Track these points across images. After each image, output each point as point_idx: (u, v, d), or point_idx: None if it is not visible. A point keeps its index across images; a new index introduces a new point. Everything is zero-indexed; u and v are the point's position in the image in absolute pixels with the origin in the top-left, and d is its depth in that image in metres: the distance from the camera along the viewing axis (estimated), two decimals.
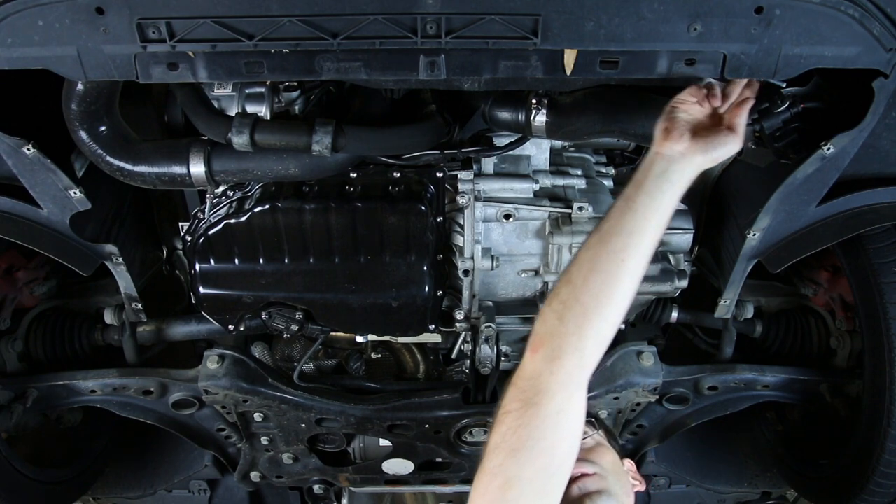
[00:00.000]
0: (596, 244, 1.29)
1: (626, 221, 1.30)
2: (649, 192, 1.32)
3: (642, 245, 1.28)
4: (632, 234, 1.28)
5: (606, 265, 1.26)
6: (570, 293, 1.25)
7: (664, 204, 1.32)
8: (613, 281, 1.25)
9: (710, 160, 1.40)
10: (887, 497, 2.03)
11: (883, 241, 1.96)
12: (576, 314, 1.23)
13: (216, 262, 1.90)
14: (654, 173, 1.35)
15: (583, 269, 1.27)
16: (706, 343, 2.52)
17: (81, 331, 2.35)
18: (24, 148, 1.64)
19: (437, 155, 1.86)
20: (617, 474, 1.49)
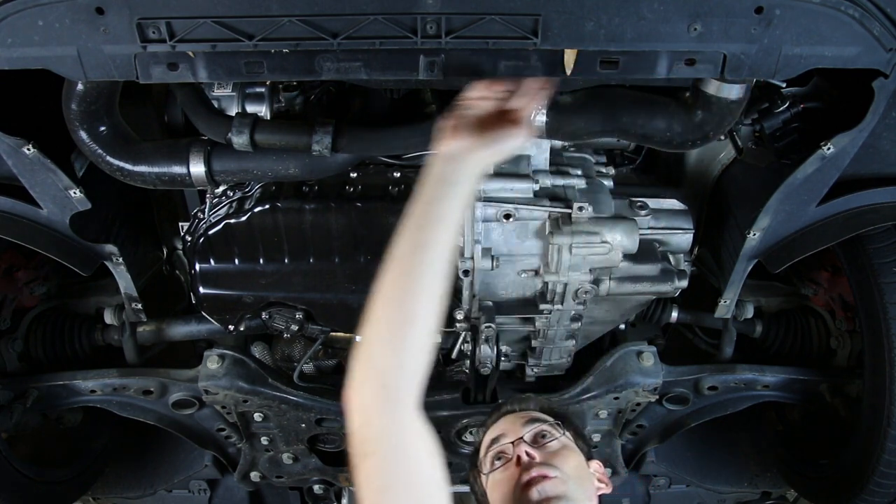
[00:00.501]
0: (391, 269, 1.25)
1: (416, 238, 1.26)
2: (430, 201, 1.28)
3: (435, 258, 1.24)
4: (423, 248, 1.24)
5: (402, 290, 1.23)
6: (372, 328, 1.23)
7: (450, 208, 1.28)
8: (411, 303, 1.22)
9: (495, 154, 1.34)
10: (887, 497, 2.03)
11: (883, 241, 1.96)
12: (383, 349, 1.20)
13: (216, 262, 1.90)
14: (433, 180, 1.30)
15: (382, 298, 1.24)
16: (706, 343, 2.52)
17: (81, 331, 2.35)
18: (24, 148, 1.64)
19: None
20: (579, 479, 1.48)
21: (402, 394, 1.18)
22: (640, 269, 2.01)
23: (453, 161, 1.31)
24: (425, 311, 1.22)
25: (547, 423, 1.62)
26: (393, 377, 1.18)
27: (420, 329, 1.21)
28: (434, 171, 1.31)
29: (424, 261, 1.24)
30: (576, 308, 2.05)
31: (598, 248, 1.90)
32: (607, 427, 2.38)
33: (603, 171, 2.11)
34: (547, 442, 1.56)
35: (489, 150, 1.33)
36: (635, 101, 1.68)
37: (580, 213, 1.87)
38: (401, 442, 1.16)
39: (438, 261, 1.24)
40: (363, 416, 1.17)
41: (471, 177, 1.31)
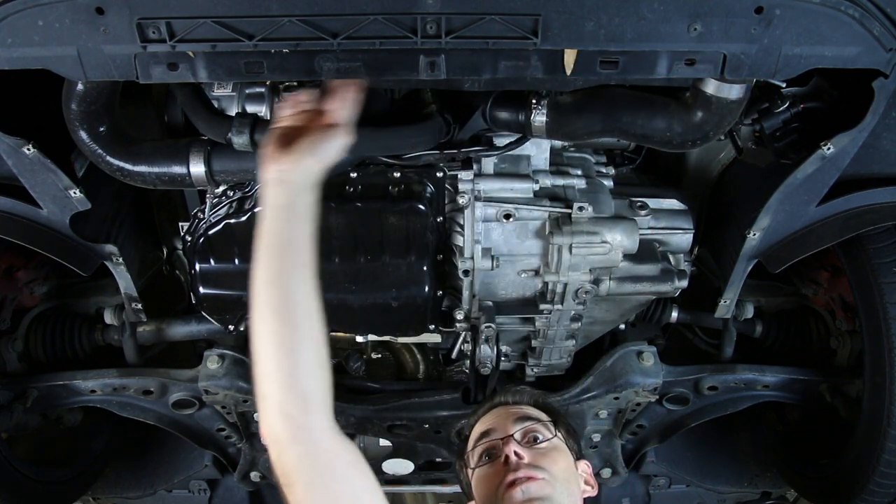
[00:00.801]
0: (258, 304, 1.26)
1: (273, 268, 1.28)
2: (272, 230, 1.29)
3: (298, 282, 1.27)
4: (282, 276, 1.27)
5: (275, 322, 1.24)
6: (259, 365, 1.24)
7: (294, 231, 1.29)
8: (288, 333, 1.23)
9: (319, 160, 1.33)
10: (887, 497, 2.03)
11: (883, 241, 1.96)
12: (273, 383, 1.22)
13: (216, 262, 1.90)
14: (268, 208, 1.31)
15: (258, 335, 1.25)
16: (706, 343, 2.52)
17: (81, 331, 2.35)
18: (24, 148, 1.64)
19: (437, 155, 1.86)
20: (566, 481, 1.47)
21: (305, 419, 1.21)
22: (640, 269, 2.01)
23: (281, 183, 1.31)
24: (305, 336, 1.24)
25: (539, 421, 1.61)
26: (291, 406, 1.20)
27: (305, 353, 1.23)
28: (267, 199, 1.31)
29: (288, 288, 1.26)
30: (576, 308, 2.05)
31: (598, 248, 1.90)
32: (607, 427, 2.39)
33: (603, 171, 2.11)
34: (539, 442, 1.55)
35: (312, 159, 1.32)
36: (635, 101, 1.67)
37: (580, 213, 1.87)
38: (318, 465, 1.20)
39: (302, 283, 1.27)
40: (276, 448, 1.21)
41: (302, 191, 1.31)
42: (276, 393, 1.21)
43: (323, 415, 1.23)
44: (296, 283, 1.27)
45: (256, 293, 1.27)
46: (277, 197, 1.31)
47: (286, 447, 1.20)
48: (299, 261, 1.29)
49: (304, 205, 1.32)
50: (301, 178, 1.32)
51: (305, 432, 1.20)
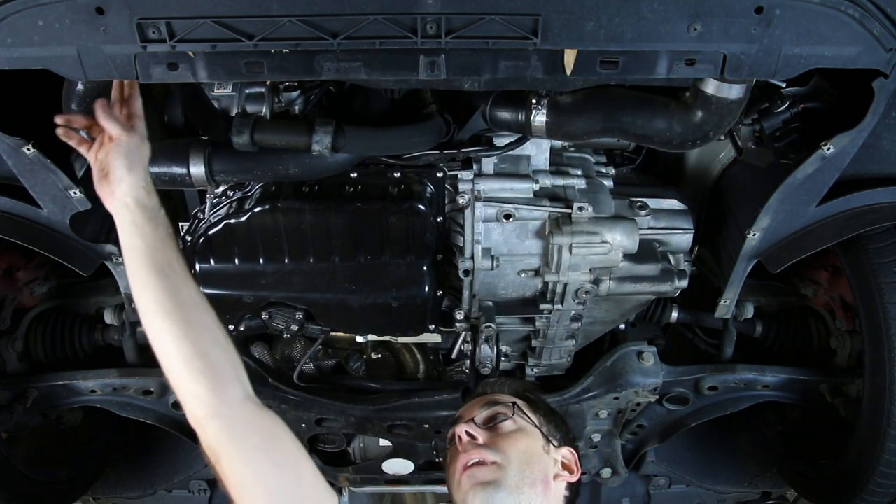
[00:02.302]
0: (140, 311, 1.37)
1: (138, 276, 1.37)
2: (129, 246, 1.40)
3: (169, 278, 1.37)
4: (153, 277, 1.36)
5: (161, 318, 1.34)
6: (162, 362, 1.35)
7: (146, 238, 1.39)
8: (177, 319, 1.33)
9: (131, 166, 1.45)
10: (887, 497, 2.03)
11: (883, 241, 1.96)
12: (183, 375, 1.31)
13: (216, 262, 1.90)
14: (121, 229, 1.42)
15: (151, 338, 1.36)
16: (706, 343, 2.52)
17: (81, 331, 2.35)
18: (24, 148, 1.64)
19: (437, 155, 1.86)
20: (524, 464, 1.46)
21: (215, 395, 1.29)
22: (640, 269, 2.01)
23: (121, 207, 1.43)
24: (194, 321, 1.35)
25: (503, 404, 1.60)
26: (200, 387, 1.29)
27: (200, 336, 1.33)
28: (118, 224, 1.43)
29: (164, 284, 1.36)
30: (576, 308, 2.05)
31: (598, 248, 1.90)
32: (607, 427, 2.38)
33: (603, 171, 2.11)
34: (499, 423, 1.55)
35: (124, 172, 1.43)
36: (635, 101, 1.67)
37: (580, 213, 1.87)
38: (235, 438, 1.28)
39: (175, 276, 1.38)
40: (199, 429, 1.30)
41: (138, 202, 1.43)
42: (184, 380, 1.30)
43: (234, 389, 1.31)
44: (170, 278, 1.36)
45: (136, 300, 1.37)
46: (122, 219, 1.43)
47: (204, 425, 1.28)
48: (164, 259, 1.38)
49: (148, 212, 1.43)
50: (130, 191, 1.43)
51: (218, 408, 1.28)
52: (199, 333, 1.32)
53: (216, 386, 1.29)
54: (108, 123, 1.47)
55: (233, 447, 1.27)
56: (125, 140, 1.46)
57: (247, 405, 1.31)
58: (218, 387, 1.29)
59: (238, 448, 1.27)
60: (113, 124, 1.47)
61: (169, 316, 1.33)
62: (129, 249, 1.40)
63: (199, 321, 1.34)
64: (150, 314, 1.35)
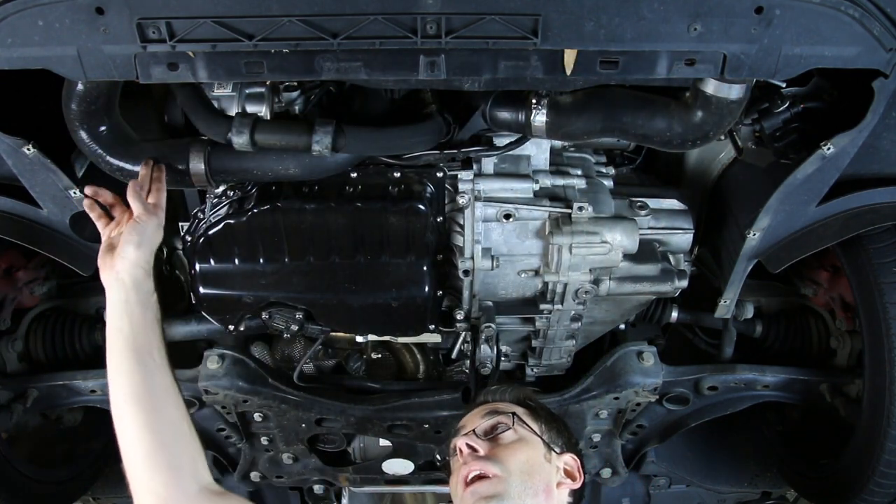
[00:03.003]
0: (112, 395, 1.44)
1: (117, 360, 1.44)
2: (114, 327, 1.47)
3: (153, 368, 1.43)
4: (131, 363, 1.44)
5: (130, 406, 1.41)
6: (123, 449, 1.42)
7: (134, 321, 1.47)
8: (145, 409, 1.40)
9: (143, 248, 1.54)
10: (887, 497, 2.03)
11: (883, 241, 1.96)
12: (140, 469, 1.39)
13: (216, 262, 1.90)
14: (110, 307, 1.49)
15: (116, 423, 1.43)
16: (706, 343, 2.52)
17: (81, 331, 2.35)
18: (24, 148, 1.64)
19: (437, 155, 1.86)
20: (525, 474, 1.46)
21: (171, 492, 1.35)
22: (640, 269, 2.01)
23: (116, 282, 1.50)
24: (162, 414, 1.41)
25: (504, 414, 1.60)
26: (157, 483, 1.35)
27: (165, 429, 1.39)
28: (108, 300, 1.50)
29: (141, 374, 1.43)
30: (576, 308, 2.05)
31: (598, 248, 1.90)
32: (607, 427, 2.38)
33: (603, 171, 2.11)
34: (499, 433, 1.55)
35: (132, 250, 1.52)
36: (635, 101, 1.67)
37: (580, 213, 1.88)
38: None
39: (152, 366, 1.44)
40: None
41: (136, 283, 1.51)
42: (142, 475, 1.35)
43: (190, 484, 1.37)
44: (147, 366, 1.42)
45: (110, 381, 1.43)
46: (114, 295, 1.49)
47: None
48: (146, 347, 1.44)
49: (142, 294, 1.50)
50: (131, 271, 1.50)
51: (173, 501, 1.34)
52: (164, 426, 1.37)
53: (173, 481, 1.34)
54: (135, 202, 1.55)
55: None
56: (144, 220, 1.54)
57: (201, 497, 1.36)
58: (174, 482, 1.34)
59: None
60: (139, 204, 1.56)
61: (138, 402, 1.38)
62: (113, 331, 1.46)
63: (167, 413, 1.39)
64: (120, 397, 1.40)
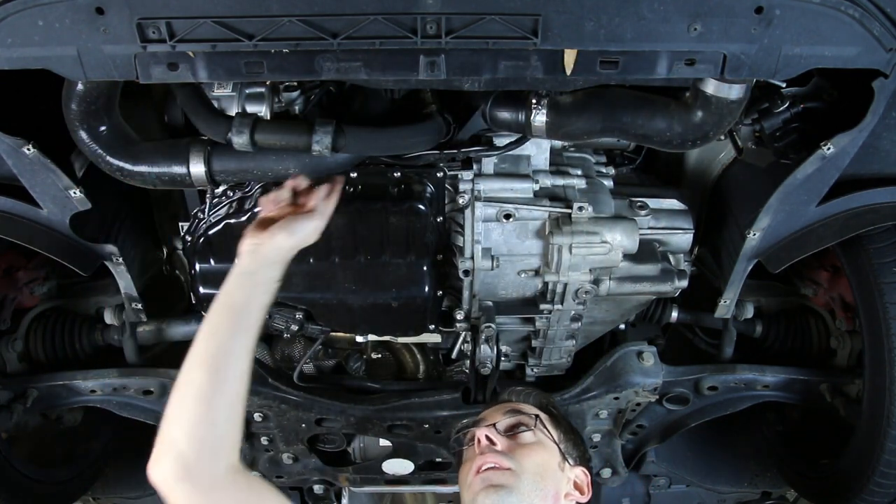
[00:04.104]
0: (194, 352, 1.37)
1: (217, 324, 1.40)
2: (230, 291, 1.44)
3: (236, 343, 1.38)
4: (224, 334, 1.38)
5: (205, 371, 1.35)
6: (175, 404, 1.35)
7: (248, 296, 1.43)
8: (214, 382, 1.34)
9: (293, 238, 1.51)
10: (887, 497, 2.03)
11: (883, 241, 1.96)
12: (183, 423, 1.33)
13: (216, 262, 1.90)
14: (234, 273, 1.46)
15: (185, 378, 1.36)
16: (706, 343, 2.52)
17: (81, 331, 2.35)
18: (24, 148, 1.63)
19: (437, 155, 1.86)
20: (537, 476, 1.47)
21: (200, 463, 1.29)
22: (640, 269, 2.01)
23: (251, 253, 1.47)
24: (227, 392, 1.34)
25: (526, 415, 1.62)
26: (190, 451, 1.29)
27: (221, 406, 1.33)
28: (235, 265, 1.47)
29: (227, 345, 1.37)
30: (576, 308, 2.05)
31: (598, 248, 1.90)
32: (607, 427, 2.38)
33: (603, 171, 2.11)
34: (519, 433, 1.56)
35: (284, 235, 1.49)
36: (635, 101, 1.67)
37: (580, 213, 1.87)
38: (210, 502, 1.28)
39: (240, 345, 1.38)
40: (164, 489, 1.30)
41: (269, 264, 1.48)
42: (179, 435, 1.31)
43: (220, 461, 1.31)
44: (235, 343, 1.38)
45: (195, 343, 1.38)
46: (244, 264, 1.47)
47: (174, 487, 1.29)
48: (245, 324, 1.41)
49: (268, 277, 1.47)
50: (271, 252, 1.48)
51: (196, 474, 1.29)
52: (222, 403, 1.33)
53: (204, 458, 1.30)
54: (314, 200, 1.57)
55: None
56: (309, 217, 1.54)
57: (228, 475, 1.32)
58: (206, 459, 1.30)
59: None
60: (316, 203, 1.57)
61: (208, 370, 1.34)
62: (224, 295, 1.43)
63: (230, 394, 1.34)
64: (197, 358, 1.36)
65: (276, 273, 1.49)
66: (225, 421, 1.33)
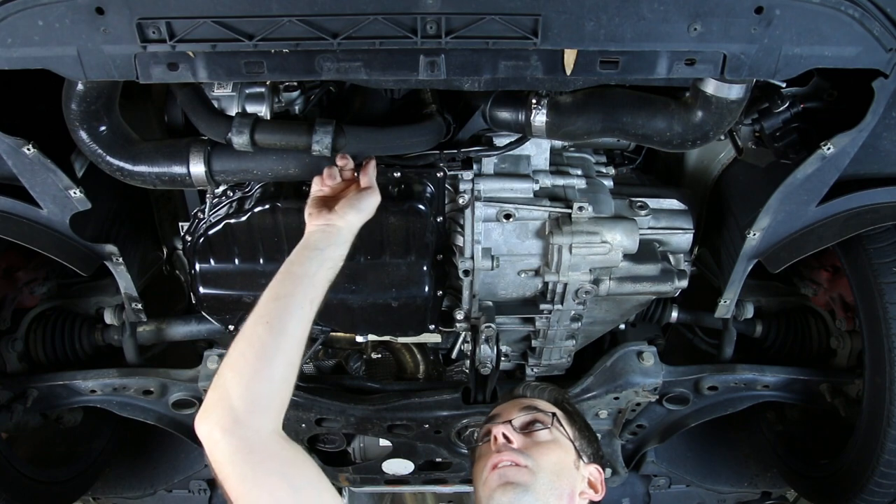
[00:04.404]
0: (254, 313, 1.39)
1: (279, 290, 1.41)
2: (295, 261, 1.46)
3: (296, 308, 1.39)
4: (285, 298, 1.40)
5: (262, 329, 1.35)
6: (230, 360, 1.34)
7: (313, 268, 1.45)
8: (270, 343, 1.34)
9: (361, 214, 1.58)
10: (887, 497, 2.03)
11: (883, 241, 1.96)
12: (236, 377, 1.31)
13: (216, 262, 1.90)
14: (301, 246, 1.50)
15: (242, 335, 1.36)
16: (706, 343, 2.52)
17: (81, 331, 2.35)
18: (24, 148, 1.64)
19: (437, 155, 1.86)
20: (553, 475, 1.46)
21: (248, 417, 1.27)
22: (640, 269, 2.01)
23: (324, 230, 1.52)
24: (284, 351, 1.34)
25: (542, 412, 1.61)
26: (240, 402, 1.27)
27: (277, 365, 1.33)
28: (305, 240, 1.52)
29: (289, 310, 1.38)
30: (576, 308, 2.05)
31: (598, 248, 1.90)
32: (607, 427, 2.38)
33: (603, 171, 2.11)
34: (535, 430, 1.56)
35: (354, 212, 1.56)
36: (635, 101, 1.68)
37: (580, 212, 1.87)
38: (252, 459, 1.25)
39: (302, 312, 1.39)
40: (210, 442, 1.26)
41: (340, 242, 1.53)
42: (232, 385, 1.28)
43: (268, 420, 1.30)
44: (298, 309, 1.39)
45: (260, 304, 1.39)
46: (314, 241, 1.51)
47: (220, 439, 1.25)
48: (310, 295, 1.42)
49: (336, 254, 1.51)
50: (344, 230, 1.53)
51: (243, 428, 1.26)
52: (279, 363, 1.33)
53: (254, 411, 1.28)
54: (367, 177, 1.63)
55: (248, 468, 1.24)
56: (370, 192, 1.61)
57: (273, 436, 1.30)
58: (255, 412, 1.28)
59: (254, 470, 1.24)
60: (370, 179, 1.63)
61: (272, 330, 1.35)
62: (291, 264, 1.45)
63: (288, 355, 1.35)
64: (260, 317, 1.37)
65: (344, 251, 1.53)
66: (281, 380, 1.32)
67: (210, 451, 1.26)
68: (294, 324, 1.37)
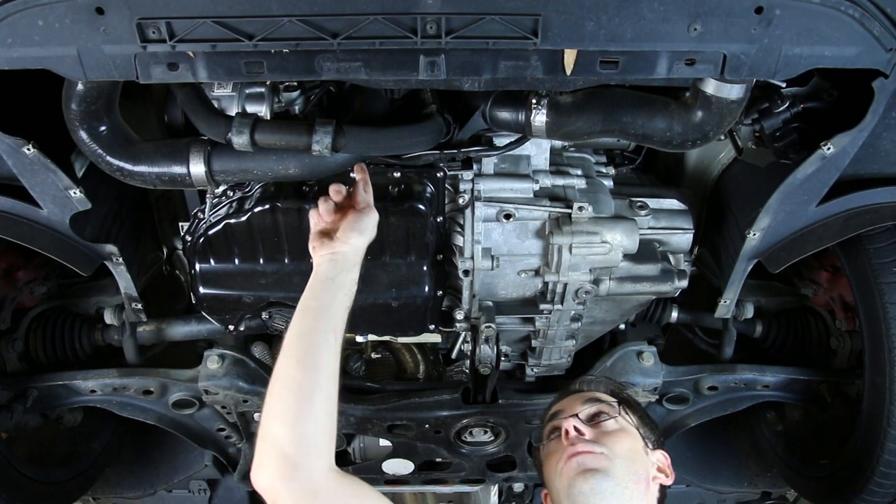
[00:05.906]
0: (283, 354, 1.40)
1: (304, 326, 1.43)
2: (314, 296, 1.48)
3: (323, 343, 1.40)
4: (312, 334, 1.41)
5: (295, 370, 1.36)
6: (270, 407, 1.35)
7: (332, 299, 1.48)
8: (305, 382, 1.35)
9: (364, 235, 1.60)
10: (887, 497, 2.03)
11: (883, 241, 1.96)
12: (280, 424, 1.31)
13: (216, 262, 1.90)
14: (316, 279, 1.52)
15: (277, 380, 1.38)
16: (706, 343, 2.52)
17: (81, 331, 2.35)
18: (24, 148, 1.63)
19: (437, 155, 1.86)
20: (629, 460, 1.47)
21: (303, 460, 1.28)
22: (640, 269, 2.01)
23: (331, 260, 1.53)
24: (320, 388, 1.35)
25: (606, 403, 1.61)
26: (292, 447, 1.28)
27: (317, 403, 1.33)
28: (316, 271, 1.53)
29: (316, 345, 1.39)
30: (576, 308, 2.05)
31: (598, 248, 1.90)
32: None
33: (603, 171, 2.11)
34: (602, 421, 1.56)
35: (356, 234, 1.57)
36: (635, 101, 1.67)
37: (580, 212, 1.88)
38: (320, 503, 1.26)
39: (328, 344, 1.40)
40: (271, 493, 1.27)
41: (350, 267, 1.54)
42: (279, 432, 1.29)
43: (323, 459, 1.30)
44: (324, 343, 1.40)
45: (285, 345, 1.41)
46: (324, 272, 1.52)
47: (281, 489, 1.26)
48: (331, 325, 1.44)
49: (348, 280, 1.53)
50: (350, 254, 1.55)
51: (302, 472, 1.27)
52: (320, 399, 1.33)
53: (308, 453, 1.28)
54: (362, 198, 1.64)
55: None
56: (368, 213, 1.62)
57: (330, 474, 1.31)
58: (309, 454, 1.28)
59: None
60: (365, 199, 1.64)
61: (304, 368, 1.36)
62: (307, 300, 1.47)
63: (326, 390, 1.36)
64: (290, 359, 1.38)
65: (355, 274, 1.56)
66: (325, 415, 1.33)
67: (274, 503, 1.27)
68: (323, 357, 1.38)
